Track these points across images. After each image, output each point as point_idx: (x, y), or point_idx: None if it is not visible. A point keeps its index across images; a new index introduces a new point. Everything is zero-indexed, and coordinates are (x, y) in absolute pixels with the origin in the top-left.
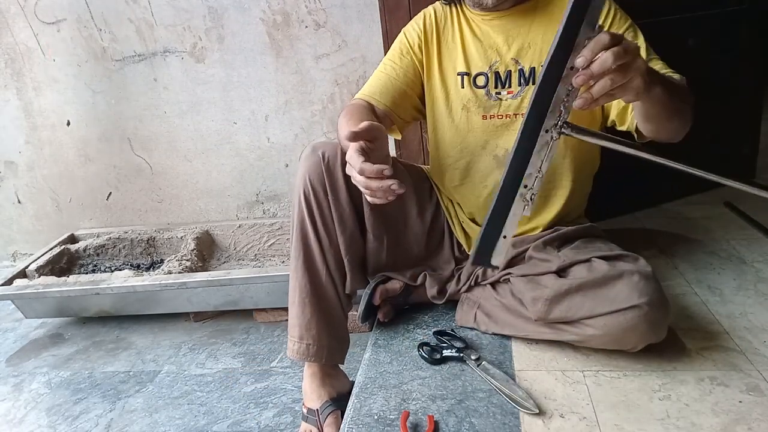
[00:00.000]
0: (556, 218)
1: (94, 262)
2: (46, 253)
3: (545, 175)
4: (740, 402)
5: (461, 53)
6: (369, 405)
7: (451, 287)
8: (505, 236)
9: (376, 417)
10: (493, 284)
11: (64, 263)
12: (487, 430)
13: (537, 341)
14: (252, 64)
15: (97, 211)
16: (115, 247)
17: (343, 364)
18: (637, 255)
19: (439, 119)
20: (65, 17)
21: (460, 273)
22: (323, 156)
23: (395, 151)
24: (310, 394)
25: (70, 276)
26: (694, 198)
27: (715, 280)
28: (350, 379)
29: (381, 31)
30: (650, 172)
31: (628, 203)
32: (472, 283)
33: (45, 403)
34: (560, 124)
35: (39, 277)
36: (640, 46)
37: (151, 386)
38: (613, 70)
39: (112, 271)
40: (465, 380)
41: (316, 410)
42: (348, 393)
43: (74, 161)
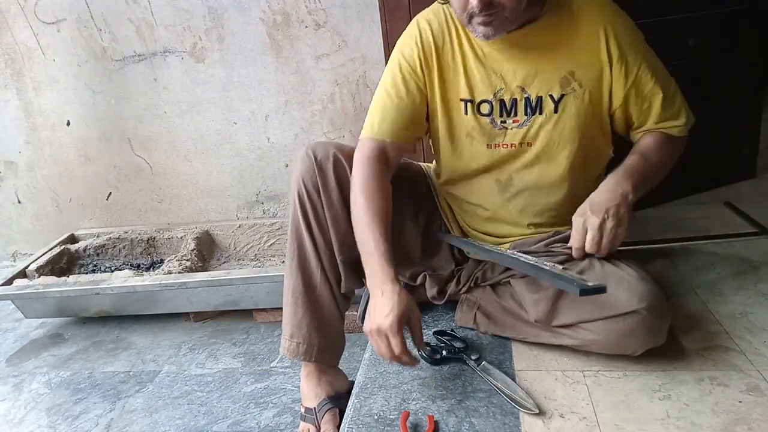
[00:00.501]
0: (558, 222)
1: (94, 262)
2: (46, 253)
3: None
4: (740, 402)
5: (463, 77)
6: (369, 405)
7: (451, 288)
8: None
9: (376, 417)
10: (493, 286)
11: (64, 263)
12: (487, 430)
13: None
14: (252, 64)
15: (97, 211)
16: (115, 247)
17: (336, 364)
18: (637, 258)
19: (442, 143)
20: (65, 17)
21: (460, 274)
22: (315, 157)
23: None
24: (307, 393)
25: (70, 276)
26: (694, 198)
27: (715, 280)
28: (350, 379)
29: (381, 31)
30: None
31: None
32: (472, 284)
33: (45, 403)
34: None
35: (39, 277)
36: (653, 80)
37: (151, 386)
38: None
39: (112, 271)
40: (465, 380)
41: (314, 409)
42: (346, 392)
43: (74, 161)
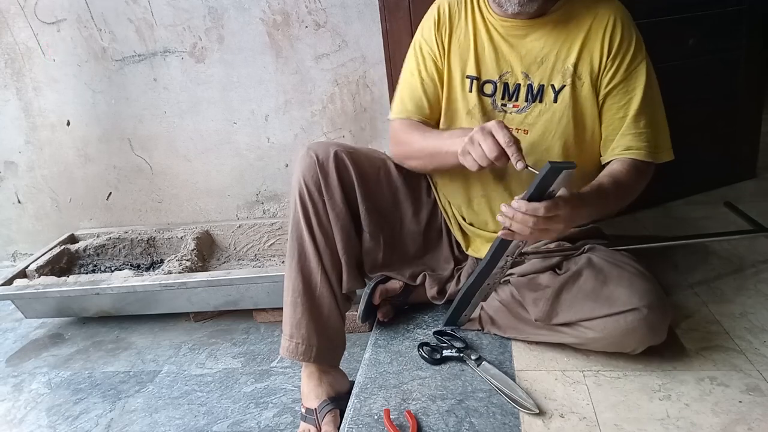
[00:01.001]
0: None
1: (94, 262)
2: (46, 253)
3: None
4: (740, 402)
5: (473, 55)
6: (369, 405)
7: (451, 287)
8: (465, 314)
9: (376, 417)
10: None
11: (64, 263)
12: (487, 430)
13: (537, 341)
14: (252, 64)
15: (97, 211)
16: (115, 247)
17: (336, 365)
18: (637, 257)
19: (444, 119)
20: (65, 17)
21: (460, 273)
22: (317, 157)
23: None
24: (308, 394)
25: (70, 276)
26: (694, 198)
27: (715, 280)
28: (350, 379)
29: (381, 31)
30: None
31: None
32: None
33: (45, 403)
34: (518, 252)
35: (39, 277)
36: (637, 91)
37: (151, 386)
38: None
39: (112, 271)
40: (465, 380)
41: (314, 409)
42: (347, 392)
43: (74, 161)
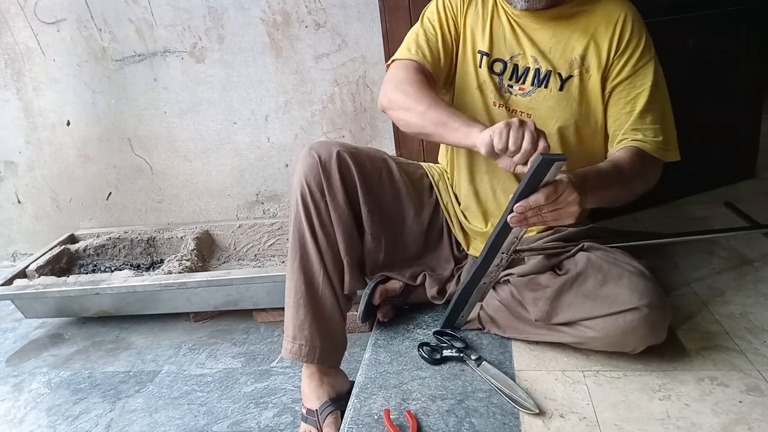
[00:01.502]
0: None
1: (94, 262)
2: (46, 253)
3: None
4: (740, 402)
5: (488, 31)
6: (369, 405)
7: (451, 287)
8: (463, 315)
9: (376, 417)
10: (493, 285)
11: (64, 263)
12: (487, 430)
13: (537, 341)
14: (252, 64)
15: (97, 211)
16: (115, 247)
17: (338, 366)
18: (637, 256)
19: (456, 93)
20: (65, 17)
21: (460, 273)
22: (319, 157)
23: (395, 150)
24: (309, 395)
25: (70, 276)
26: (694, 198)
27: (715, 280)
28: (350, 379)
29: (381, 31)
30: None
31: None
32: None
33: (45, 403)
34: (513, 249)
35: (39, 277)
36: (645, 88)
37: (151, 386)
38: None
39: (112, 271)
40: (465, 380)
41: (315, 411)
42: (347, 393)
43: (74, 161)
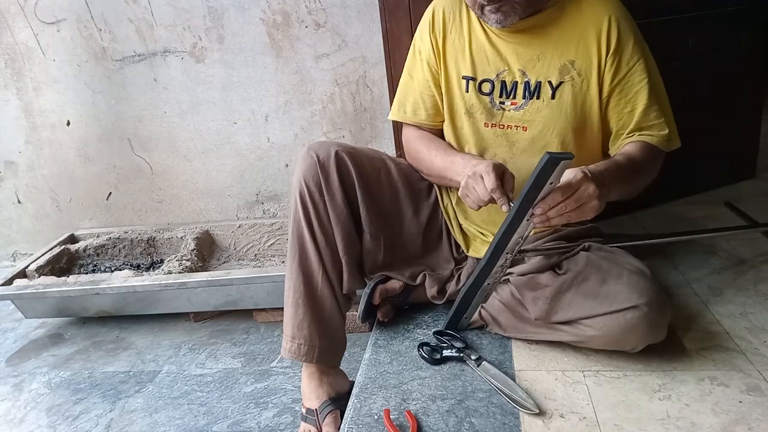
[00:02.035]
0: None
1: (94, 262)
2: (46, 253)
3: None
4: (740, 402)
5: (468, 56)
6: (369, 405)
7: (451, 287)
8: (466, 317)
9: (376, 417)
10: None
11: (64, 263)
12: (487, 430)
13: (537, 341)
14: (252, 64)
15: (97, 211)
16: (115, 247)
17: (337, 365)
18: (637, 255)
19: (445, 120)
20: (65, 17)
21: (460, 273)
22: (318, 157)
23: (395, 151)
24: (309, 395)
25: (70, 276)
26: (694, 198)
27: (715, 280)
28: (350, 379)
29: (381, 31)
30: None
31: (628, 203)
32: None
33: (45, 403)
34: (517, 249)
35: (39, 277)
36: (642, 85)
37: (151, 386)
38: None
39: (112, 271)
40: (465, 380)
41: (315, 410)
42: (347, 393)
43: (74, 161)
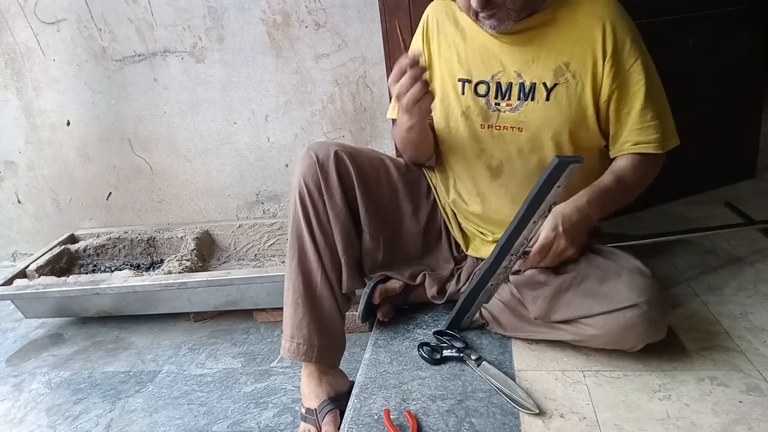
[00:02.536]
0: None
1: (94, 262)
2: (46, 253)
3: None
4: (740, 402)
5: (464, 59)
6: (369, 405)
7: (451, 287)
8: (468, 317)
9: (376, 417)
10: None
11: (64, 263)
12: (487, 430)
13: (537, 341)
14: (252, 64)
15: (97, 211)
16: (115, 247)
17: (337, 365)
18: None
19: (440, 123)
20: (65, 17)
21: (460, 273)
22: (317, 157)
23: (395, 151)
24: (308, 394)
25: (70, 276)
26: (694, 198)
27: (715, 280)
28: (350, 379)
29: (381, 31)
30: None
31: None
32: None
33: (45, 403)
34: (522, 251)
35: (39, 277)
36: (640, 86)
37: (151, 386)
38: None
39: (112, 271)
40: (465, 380)
41: (314, 409)
42: (347, 392)
43: (74, 161)
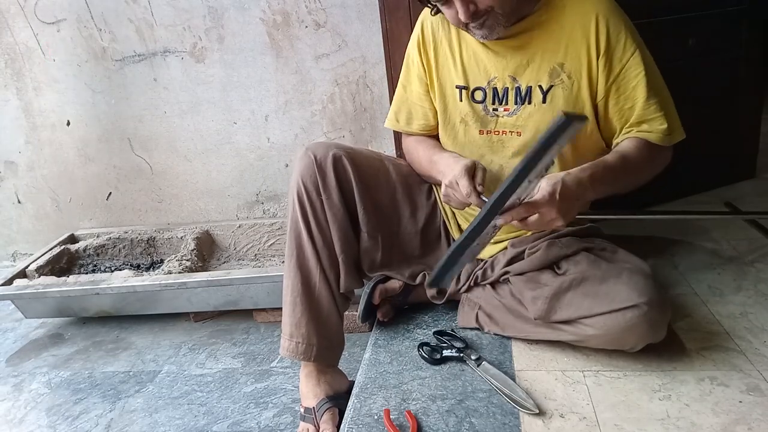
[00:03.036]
0: None
1: (94, 262)
2: (46, 253)
3: None
4: (740, 402)
5: (460, 66)
6: (369, 405)
7: (451, 287)
8: (451, 275)
9: (376, 417)
10: (492, 284)
11: (64, 263)
12: (487, 430)
13: (537, 341)
14: (252, 64)
15: (97, 211)
16: (115, 247)
17: (335, 364)
18: (637, 255)
19: (440, 129)
20: (65, 17)
21: (460, 273)
22: (315, 157)
23: (395, 151)
24: (307, 394)
25: (70, 276)
26: (694, 198)
27: (715, 280)
28: (350, 379)
29: (381, 31)
30: None
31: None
32: (472, 283)
33: (45, 403)
34: (499, 227)
35: (39, 277)
36: (639, 79)
37: (151, 386)
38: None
39: (112, 271)
40: (465, 380)
41: (313, 408)
42: (345, 391)
43: (74, 161)
